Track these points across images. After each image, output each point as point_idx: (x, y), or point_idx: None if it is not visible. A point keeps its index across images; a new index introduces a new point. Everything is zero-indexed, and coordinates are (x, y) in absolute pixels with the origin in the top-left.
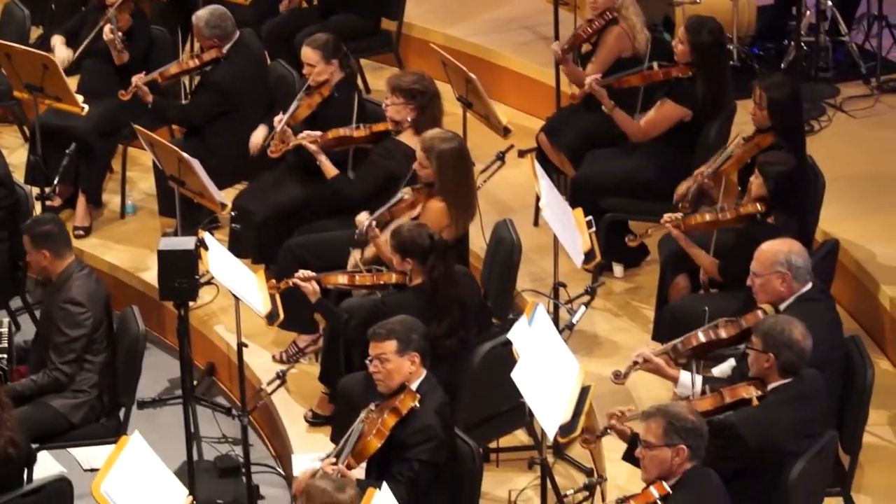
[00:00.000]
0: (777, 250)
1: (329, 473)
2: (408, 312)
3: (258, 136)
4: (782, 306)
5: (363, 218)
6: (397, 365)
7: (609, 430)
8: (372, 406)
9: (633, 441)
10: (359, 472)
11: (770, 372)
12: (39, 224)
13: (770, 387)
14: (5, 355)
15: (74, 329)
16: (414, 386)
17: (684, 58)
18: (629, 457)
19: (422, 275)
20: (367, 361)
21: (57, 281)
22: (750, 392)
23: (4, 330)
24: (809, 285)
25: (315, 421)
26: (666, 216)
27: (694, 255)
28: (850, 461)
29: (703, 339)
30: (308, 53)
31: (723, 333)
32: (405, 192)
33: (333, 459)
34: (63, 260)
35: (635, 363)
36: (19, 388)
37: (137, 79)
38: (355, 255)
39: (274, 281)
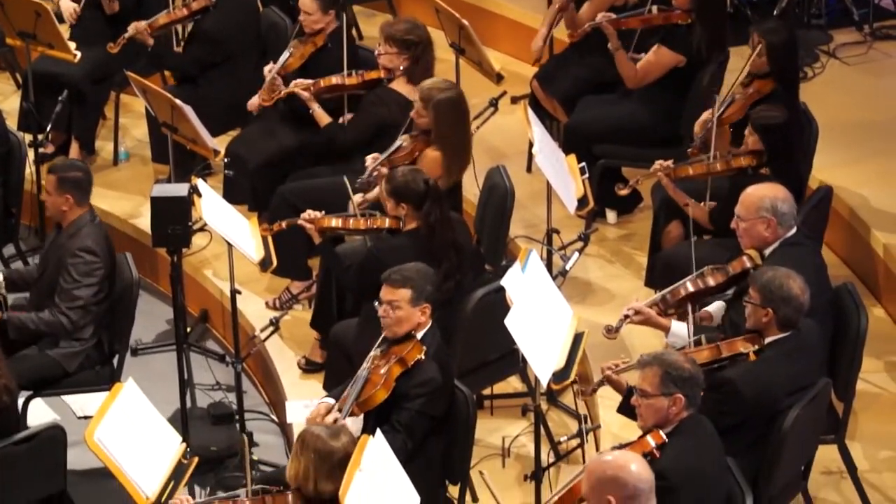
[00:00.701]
0: (762, 195)
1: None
2: (403, 257)
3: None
4: (767, 251)
5: (369, 161)
6: (408, 314)
7: (604, 383)
8: (377, 351)
9: (628, 393)
10: (356, 420)
11: (768, 326)
12: (71, 168)
13: (767, 340)
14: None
15: (86, 278)
16: (420, 336)
17: (684, 4)
18: (624, 409)
19: (416, 220)
20: (377, 304)
21: (69, 227)
22: (747, 347)
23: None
24: (794, 230)
25: (308, 368)
26: (657, 164)
27: (683, 204)
28: (843, 408)
29: (691, 288)
30: (306, 2)
31: (710, 281)
32: (403, 140)
33: (332, 405)
34: (81, 209)
35: (626, 316)
36: (23, 319)
37: (136, 25)
38: (355, 200)
39: (267, 224)
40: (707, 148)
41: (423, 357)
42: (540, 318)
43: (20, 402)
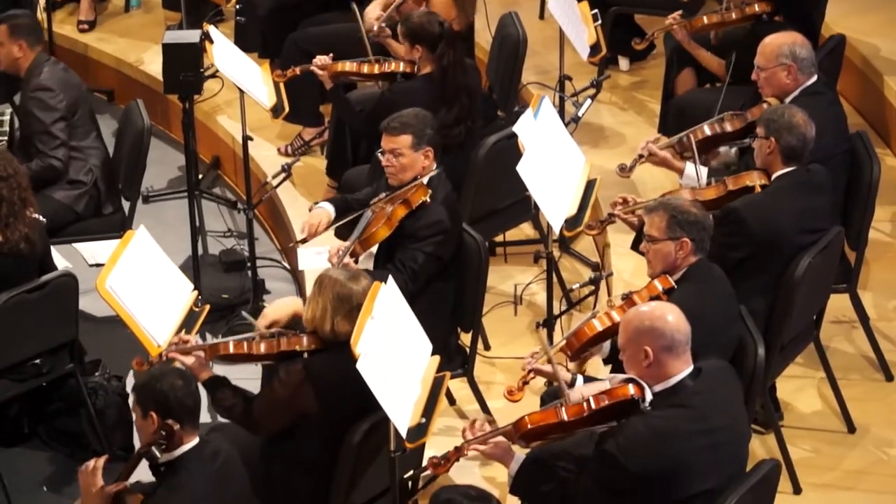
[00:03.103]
0: (781, 42)
1: (332, 260)
2: (416, 100)
3: None
4: (787, 99)
5: (373, 17)
6: (411, 159)
7: (614, 218)
8: (382, 195)
9: (640, 229)
10: (367, 262)
11: (773, 159)
12: (16, 17)
13: (774, 175)
14: (5, 138)
15: (49, 113)
16: (425, 180)
17: None
18: (637, 246)
19: (431, 63)
20: (379, 154)
21: (27, 74)
22: (753, 179)
23: (6, 119)
24: (814, 78)
25: None
26: (671, 17)
27: (699, 55)
28: (855, 257)
29: (708, 132)
30: None
31: (728, 127)
32: None
33: (340, 246)
34: (34, 52)
35: (640, 156)
36: None
37: None
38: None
39: (280, 70)
40: None
41: (429, 199)
42: (552, 164)
43: None
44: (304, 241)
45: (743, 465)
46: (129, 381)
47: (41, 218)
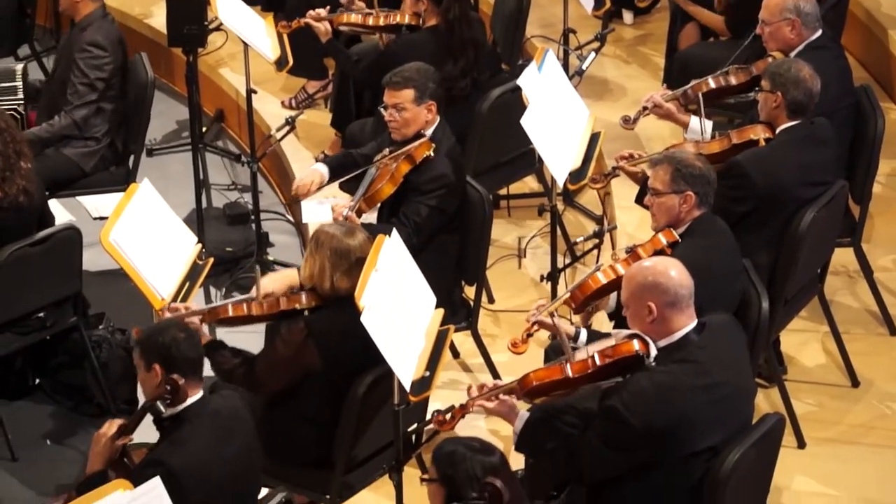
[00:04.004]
0: None
1: (338, 219)
2: (420, 53)
3: None
4: (792, 54)
5: None
6: (414, 114)
7: (618, 172)
8: (386, 151)
9: (644, 183)
10: (371, 217)
11: (778, 113)
12: None
13: (779, 129)
14: (22, 100)
15: (95, 72)
16: (428, 133)
17: None
18: (641, 200)
19: (436, 16)
20: (382, 109)
21: (81, 22)
22: (758, 133)
23: (19, 77)
24: (819, 32)
25: None
26: None
27: (696, 13)
28: (860, 211)
29: (713, 84)
30: None
31: (733, 80)
32: None
33: (345, 204)
34: (94, 3)
35: (645, 108)
36: (38, 133)
37: None
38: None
39: (284, 22)
40: None
41: (433, 154)
42: (556, 117)
43: None
44: (295, 200)
45: (748, 421)
46: (133, 337)
47: None
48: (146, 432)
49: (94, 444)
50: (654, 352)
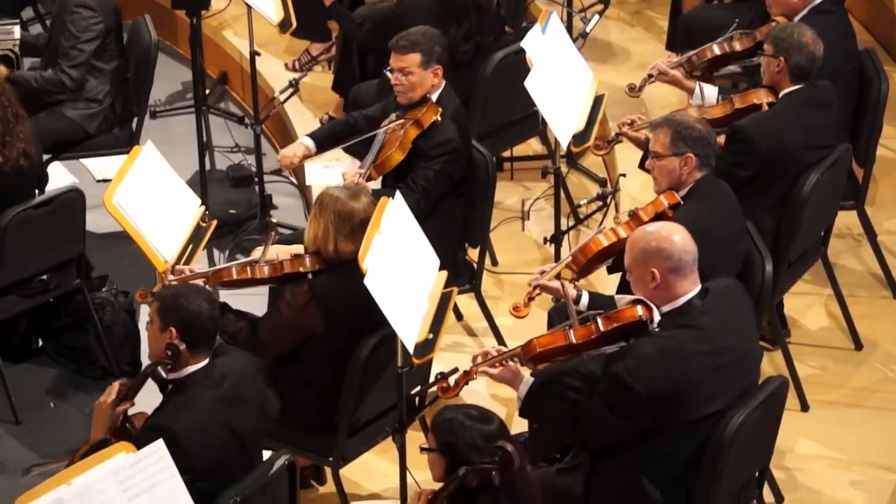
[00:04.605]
0: None
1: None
2: (424, 16)
3: None
4: (796, 18)
5: None
6: (420, 78)
7: (621, 137)
8: (393, 116)
9: (647, 148)
10: (375, 182)
11: (781, 77)
12: None
13: (782, 93)
14: (18, 40)
15: (84, 33)
16: (435, 97)
17: None
18: (645, 164)
19: None
20: (388, 72)
21: None
22: (761, 97)
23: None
24: None
25: None
26: None
27: None
28: (863, 174)
29: (717, 51)
30: None
31: (737, 46)
32: None
33: (355, 171)
34: None
35: (650, 76)
36: (26, 77)
37: None
38: None
39: None
40: None
41: (440, 118)
42: (560, 80)
43: None
44: (278, 171)
45: (753, 386)
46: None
47: None
48: (150, 398)
49: (95, 413)
50: (657, 317)
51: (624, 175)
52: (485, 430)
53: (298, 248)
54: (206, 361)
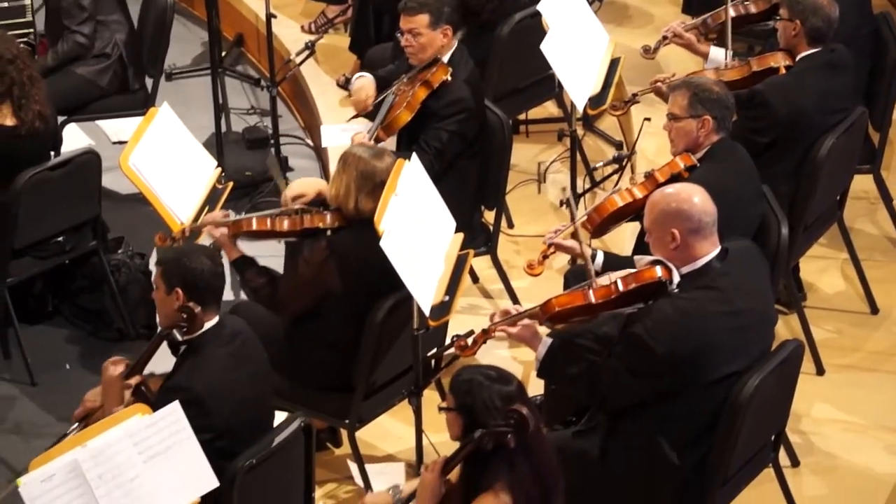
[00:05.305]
0: None
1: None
2: None
3: None
4: None
5: None
6: (430, 38)
7: (638, 99)
8: (403, 77)
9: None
10: (390, 143)
11: (798, 41)
12: None
13: (799, 56)
14: (32, 29)
15: None
16: (446, 58)
17: None
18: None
19: None
20: (398, 34)
21: None
22: (777, 60)
23: (29, 12)
24: None
25: (347, 86)
26: None
27: None
28: (879, 138)
29: (732, 13)
30: None
31: (752, 8)
32: None
33: (364, 132)
34: None
35: (665, 38)
36: (47, 62)
37: None
38: None
39: None
40: None
41: (450, 78)
42: (576, 42)
43: None
44: (356, 116)
45: (769, 348)
46: (152, 259)
47: None
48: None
49: (104, 386)
50: (676, 278)
51: (648, 119)
52: (503, 391)
53: (322, 181)
54: (216, 319)
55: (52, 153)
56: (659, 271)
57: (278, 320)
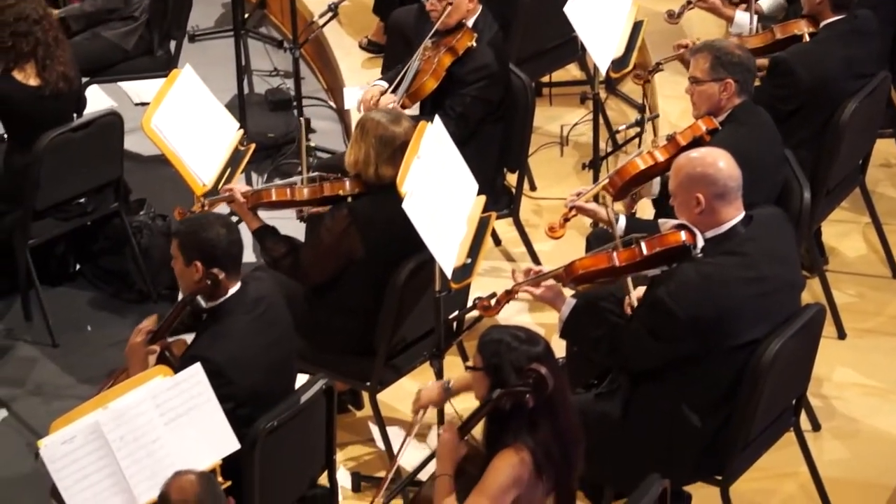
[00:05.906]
0: None
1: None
2: None
3: None
4: None
5: None
6: (456, 2)
7: (662, 67)
8: (428, 43)
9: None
10: (413, 110)
11: (822, 7)
12: None
13: (823, 23)
14: None
15: None
16: (471, 23)
17: None
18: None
19: None
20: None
21: None
22: (801, 28)
23: None
24: None
25: (370, 48)
26: None
27: None
28: None
29: None
30: None
31: None
32: None
33: (392, 97)
34: None
35: (689, 2)
36: (84, 8)
37: None
38: None
39: None
40: None
41: (475, 44)
42: (599, 5)
43: None
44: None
45: (793, 315)
46: (174, 224)
47: None
48: None
49: (128, 353)
50: (700, 243)
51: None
52: (532, 352)
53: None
54: (238, 285)
55: (76, 115)
56: (683, 235)
57: (299, 285)
